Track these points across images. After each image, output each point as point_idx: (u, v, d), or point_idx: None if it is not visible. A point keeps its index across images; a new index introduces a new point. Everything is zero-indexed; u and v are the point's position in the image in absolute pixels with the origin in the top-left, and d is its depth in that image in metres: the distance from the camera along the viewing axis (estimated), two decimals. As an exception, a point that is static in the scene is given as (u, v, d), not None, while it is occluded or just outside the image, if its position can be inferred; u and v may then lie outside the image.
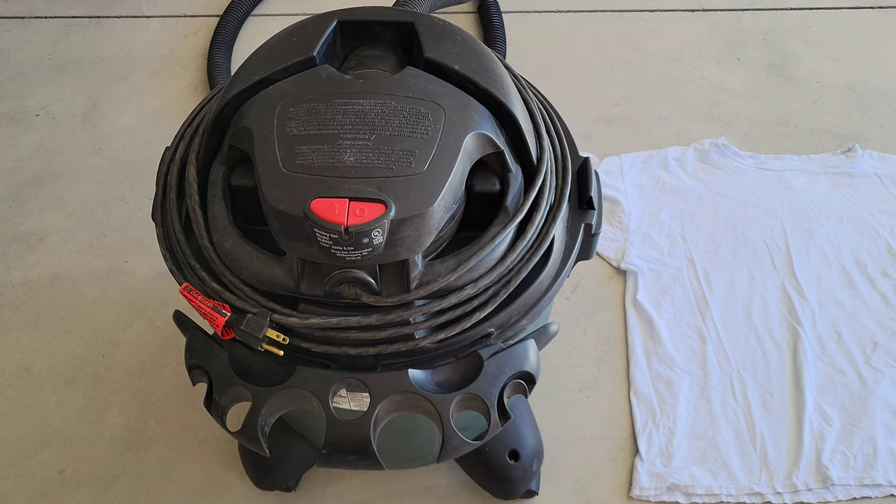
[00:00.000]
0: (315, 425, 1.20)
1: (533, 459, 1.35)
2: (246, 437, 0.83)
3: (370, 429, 0.81)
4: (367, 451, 0.81)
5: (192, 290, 0.87)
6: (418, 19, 0.96)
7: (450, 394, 0.83)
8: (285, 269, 0.85)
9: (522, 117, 0.92)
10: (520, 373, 0.86)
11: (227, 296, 0.87)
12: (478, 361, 0.85)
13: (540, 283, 0.90)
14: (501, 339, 0.89)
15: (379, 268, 0.83)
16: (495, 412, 0.83)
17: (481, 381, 0.83)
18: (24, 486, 1.47)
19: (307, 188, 0.79)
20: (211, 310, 0.85)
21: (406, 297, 0.83)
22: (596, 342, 1.63)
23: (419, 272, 0.84)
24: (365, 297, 0.83)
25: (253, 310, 0.85)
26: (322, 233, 0.77)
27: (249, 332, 0.83)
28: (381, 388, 0.83)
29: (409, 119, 0.85)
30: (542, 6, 2.27)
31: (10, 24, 2.27)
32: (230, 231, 0.88)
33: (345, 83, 0.89)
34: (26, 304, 1.70)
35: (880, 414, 1.51)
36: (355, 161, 0.81)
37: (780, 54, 2.16)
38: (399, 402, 0.83)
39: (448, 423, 0.81)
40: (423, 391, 0.83)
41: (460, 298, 0.85)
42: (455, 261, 0.85)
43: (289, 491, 1.42)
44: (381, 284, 0.84)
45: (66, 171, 1.92)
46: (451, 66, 0.91)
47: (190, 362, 0.88)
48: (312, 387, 0.83)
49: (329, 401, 0.82)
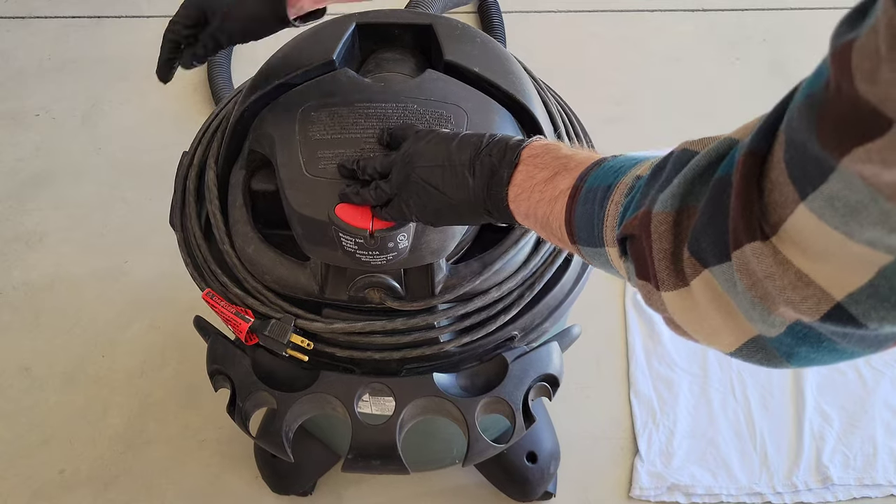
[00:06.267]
0: (333, 429, 1.19)
1: (550, 461, 1.35)
2: (270, 443, 0.83)
3: (396, 433, 0.81)
4: (392, 455, 0.81)
5: (215, 296, 0.87)
6: (437, 22, 0.96)
7: (475, 397, 0.83)
8: (309, 274, 0.85)
9: (543, 119, 0.92)
10: (544, 375, 0.86)
11: (250, 301, 0.87)
12: (502, 365, 0.85)
13: (563, 286, 0.90)
14: (525, 342, 0.89)
15: (403, 272, 0.83)
16: (520, 415, 0.83)
17: (506, 385, 0.84)
18: (24, 486, 1.46)
19: (332, 193, 0.79)
20: (234, 315, 0.84)
21: (431, 301, 0.84)
22: (596, 342, 1.63)
23: (444, 276, 0.84)
24: (390, 301, 0.83)
25: (277, 315, 0.85)
26: (347, 237, 0.77)
27: (273, 338, 0.83)
28: (406, 392, 0.83)
29: (431, 122, 0.85)
30: (543, 6, 2.27)
31: (10, 24, 2.25)
32: (252, 236, 0.87)
33: (366, 87, 0.89)
34: (26, 304, 1.69)
35: (880, 414, 1.52)
36: (380, 165, 0.81)
37: (780, 54, 2.17)
38: (424, 406, 0.84)
39: (474, 426, 0.82)
40: (449, 395, 0.83)
41: (485, 302, 0.85)
42: (479, 264, 0.85)
43: (305, 495, 1.42)
44: (405, 289, 0.84)
45: (66, 171, 1.90)
46: (472, 68, 0.91)
47: (212, 368, 0.88)
48: (337, 391, 0.83)
49: (354, 405, 0.82)
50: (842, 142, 0.37)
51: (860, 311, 0.41)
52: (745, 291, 0.46)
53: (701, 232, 0.48)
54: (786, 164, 0.43)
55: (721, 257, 0.47)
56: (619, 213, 0.57)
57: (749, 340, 0.50)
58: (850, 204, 0.38)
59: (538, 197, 0.66)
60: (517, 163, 0.68)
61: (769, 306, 0.45)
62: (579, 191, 0.62)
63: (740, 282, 0.46)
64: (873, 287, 0.40)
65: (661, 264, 0.51)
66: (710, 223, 0.47)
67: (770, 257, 0.44)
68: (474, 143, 0.71)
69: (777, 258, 0.43)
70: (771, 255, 0.44)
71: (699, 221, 0.48)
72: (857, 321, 0.42)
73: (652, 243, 0.51)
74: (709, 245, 0.48)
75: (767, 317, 0.46)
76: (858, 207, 0.38)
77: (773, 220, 0.43)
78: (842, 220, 0.39)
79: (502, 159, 0.69)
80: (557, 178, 0.65)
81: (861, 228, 0.39)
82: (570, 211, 0.63)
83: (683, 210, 0.50)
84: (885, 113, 0.34)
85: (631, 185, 0.57)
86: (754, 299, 0.46)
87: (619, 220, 0.56)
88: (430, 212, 0.73)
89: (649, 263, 0.52)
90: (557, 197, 0.64)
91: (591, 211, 0.60)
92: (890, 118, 0.34)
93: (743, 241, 0.45)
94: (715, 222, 0.47)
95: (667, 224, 0.51)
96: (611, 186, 0.59)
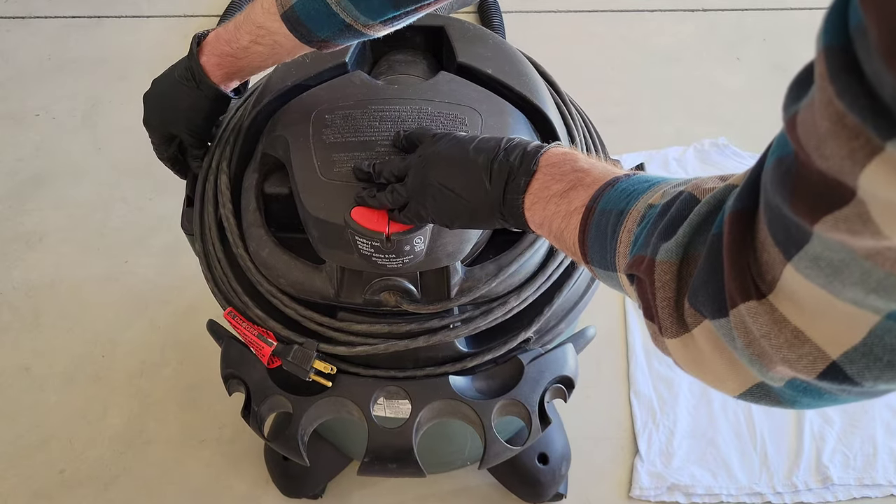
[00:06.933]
0: (345, 432, 1.19)
1: (561, 462, 1.35)
2: (285, 446, 0.82)
3: (412, 436, 0.81)
4: (408, 458, 0.81)
5: (237, 317, 0.86)
6: (448, 24, 0.96)
7: (491, 400, 0.83)
8: (324, 278, 0.84)
9: (557, 121, 0.92)
10: (559, 377, 0.86)
11: (272, 324, 0.87)
12: (518, 367, 0.85)
13: (577, 288, 0.90)
14: (540, 344, 0.89)
15: (419, 275, 0.83)
16: (536, 417, 0.83)
17: (522, 387, 0.84)
18: (24, 486, 1.45)
19: (347, 196, 0.79)
20: (256, 338, 0.84)
21: (448, 303, 0.83)
22: (596, 342, 1.62)
23: (459, 278, 0.84)
24: (406, 304, 0.83)
25: (299, 340, 0.85)
26: (363, 241, 0.77)
27: (297, 364, 0.83)
28: (421, 395, 0.83)
29: (446, 124, 0.85)
30: (542, 6, 2.27)
31: (10, 24, 2.24)
32: (266, 240, 0.87)
33: (379, 89, 0.89)
34: (26, 304, 1.68)
35: (880, 414, 1.52)
36: (395, 168, 0.80)
37: (780, 54, 2.18)
38: (440, 408, 0.83)
39: (490, 428, 0.81)
40: (465, 398, 0.83)
41: (504, 315, 0.85)
42: (495, 266, 0.85)
43: (315, 498, 1.42)
44: (421, 291, 0.84)
45: (66, 171, 1.90)
46: (485, 70, 0.91)
47: (226, 372, 0.87)
48: (353, 395, 0.83)
49: (370, 409, 0.82)
50: (812, 210, 0.37)
51: (855, 370, 0.41)
52: (744, 348, 0.46)
53: (700, 287, 0.49)
54: (767, 226, 0.43)
55: (719, 313, 0.47)
56: (630, 241, 0.57)
57: (753, 386, 0.50)
58: (833, 264, 0.38)
59: (553, 209, 0.66)
60: (535, 170, 0.68)
61: (766, 364, 0.45)
62: (592, 212, 0.62)
63: (739, 339, 0.46)
64: (867, 346, 0.40)
65: (664, 312, 0.52)
66: (708, 280, 0.48)
67: (766, 315, 0.44)
68: (492, 147, 0.71)
69: (774, 316, 0.43)
70: (767, 314, 0.44)
71: (698, 277, 0.49)
72: (852, 380, 0.42)
73: (655, 291, 0.52)
74: (707, 300, 0.48)
75: (766, 374, 0.46)
76: (841, 266, 0.38)
77: (769, 280, 0.44)
78: (826, 280, 0.39)
79: (520, 166, 0.69)
80: (572, 194, 0.65)
81: (843, 288, 0.39)
82: (583, 231, 0.63)
83: (686, 259, 0.51)
84: (847, 183, 0.34)
85: (643, 213, 0.57)
86: (752, 356, 0.46)
87: (630, 249, 0.57)
88: (446, 215, 0.73)
89: (653, 309, 0.53)
90: (572, 213, 0.64)
91: (604, 235, 0.60)
92: (852, 188, 0.34)
93: (738, 301, 0.45)
94: (713, 279, 0.47)
95: (670, 273, 0.51)
96: (623, 212, 0.59)
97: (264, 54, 0.83)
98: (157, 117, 0.93)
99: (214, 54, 0.86)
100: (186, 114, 0.91)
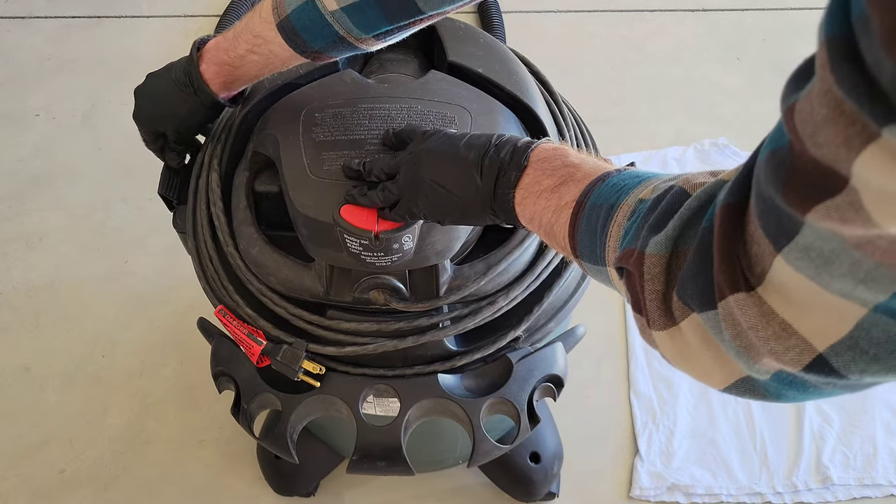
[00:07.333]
0: (337, 431, 1.19)
1: (554, 461, 1.35)
2: (274, 444, 0.82)
3: (401, 434, 0.81)
4: (397, 456, 0.81)
5: (227, 315, 0.87)
6: (440, 23, 0.96)
7: (480, 398, 0.83)
8: (314, 276, 0.85)
9: (547, 120, 0.92)
10: (549, 376, 0.86)
11: (262, 323, 0.87)
12: (507, 365, 0.85)
13: (567, 286, 0.90)
14: (529, 342, 0.89)
15: (408, 273, 0.83)
16: (525, 416, 0.83)
17: (511, 385, 0.84)
18: (24, 486, 1.46)
19: (336, 194, 0.79)
20: (246, 336, 0.84)
21: (436, 302, 0.83)
22: (596, 342, 1.62)
23: (448, 277, 0.84)
24: (395, 302, 0.83)
25: (288, 339, 0.85)
26: (352, 239, 0.77)
27: (286, 364, 0.83)
28: (410, 393, 0.83)
29: (435, 123, 0.85)
30: (542, 6, 2.27)
31: (10, 24, 2.25)
32: (256, 238, 0.87)
33: (369, 88, 0.89)
34: (26, 304, 1.68)
35: (880, 414, 1.52)
36: (384, 166, 0.80)
37: (780, 54, 2.17)
38: (429, 407, 0.83)
39: (479, 427, 0.81)
40: (454, 396, 0.83)
41: (493, 314, 0.85)
42: (484, 265, 0.85)
43: (307, 497, 1.42)
44: (410, 290, 0.84)
45: (66, 171, 1.90)
46: (475, 69, 0.91)
47: (216, 370, 0.88)
48: (342, 393, 0.83)
49: (359, 407, 0.82)
50: (804, 200, 0.38)
51: (841, 363, 0.42)
52: (731, 340, 0.46)
53: (689, 280, 0.49)
54: (758, 218, 0.43)
55: (707, 305, 0.47)
56: (620, 234, 0.57)
57: (739, 380, 0.50)
58: (823, 254, 0.39)
59: (544, 204, 0.66)
60: (525, 165, 0.68)
61: (753, 356, 0.46)
62: (583, 206, 0.63)
63: (726, 331, 0.46)
64: (853, 339, 0.41)
65: (652, 304, 0.52)
66: (697, 273, 0.48)
67: (754, 308, 0.44)
68: (483, 143, 0.71)
69: (762, 309, 0.44)
70: (755, 306, 0.44)
71: (687, 269, 0.49)
72: (838, 373, 0.42)
73: (644, 283, 0.52)
74: (695, 293, 0.48)
75: (752, 366, 0.47)
76: (831, 257, 0.38)
77: (758, 272, 0.44)
78: (815, 272, 0.40)
79: (510, 161, 0.69)
80: (563, 189, 0.65)
81: (832, 280, 0.39)
82: (573, 225, 0.63)
83: (675, 252, 0.51)
84: (840, 171, 0.35)
85: (633, 207, 0.57)
86: (739, 348, 0.46)
87: (620, 243, 0.57)
88: (438, 211, 0.73)
89: (641, 302, 0.53)
90: (563, 208, 0.65)
91: (594, 229, 0.61)
92: (845, 176, 0.35)
93: (726, 293, 0.45)
94: (702, 272, 0.48)
95: (659, 266, 0.51)
96: (613, 206, 0.59)
97: (259, 63, 0.84)
98: (147, 115, 0.94)
99: (214, 63, 0.87)
100: (180, 117, 0.92)
